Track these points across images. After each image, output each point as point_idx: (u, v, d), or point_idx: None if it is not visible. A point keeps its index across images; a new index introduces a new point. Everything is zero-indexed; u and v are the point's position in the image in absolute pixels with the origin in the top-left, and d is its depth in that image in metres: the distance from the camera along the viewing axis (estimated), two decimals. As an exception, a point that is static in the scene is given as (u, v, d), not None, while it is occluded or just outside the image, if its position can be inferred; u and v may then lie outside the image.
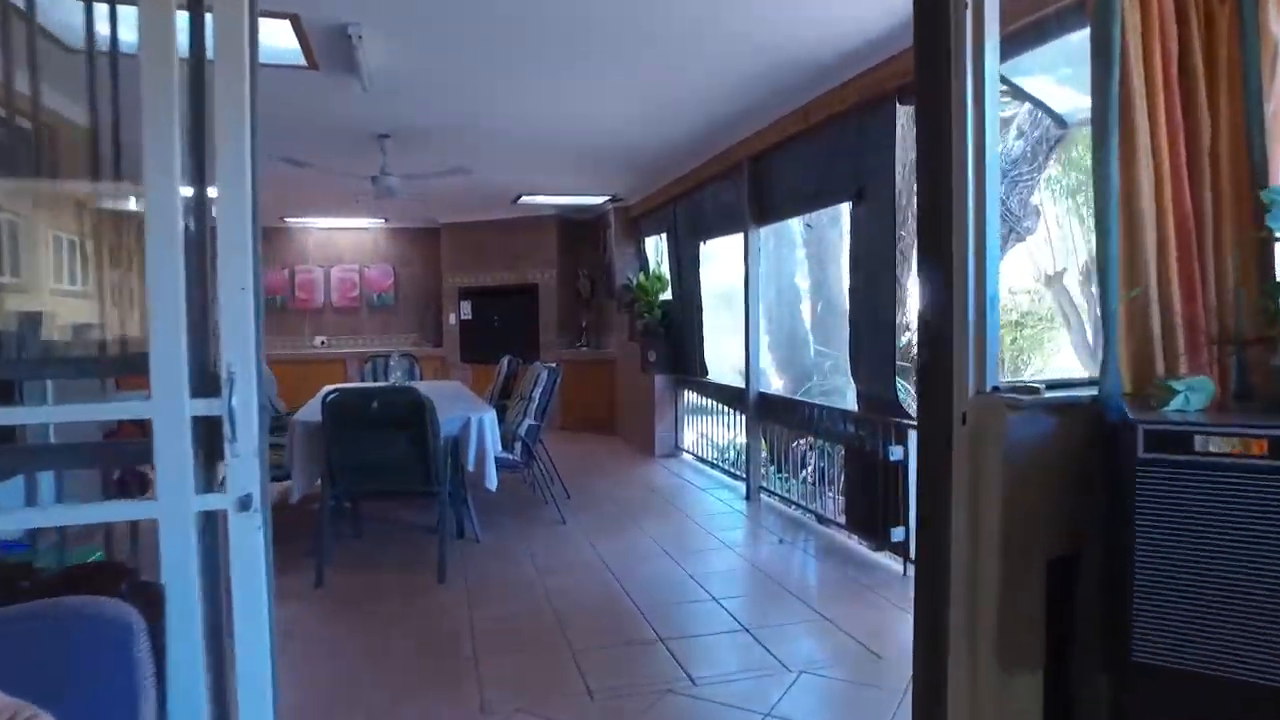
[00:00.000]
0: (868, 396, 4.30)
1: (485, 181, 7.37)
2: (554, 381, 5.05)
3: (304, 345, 10.07)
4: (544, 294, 9.36)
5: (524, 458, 5.00)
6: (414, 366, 7.44)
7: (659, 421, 7.49)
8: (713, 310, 6.98)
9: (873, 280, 4.17)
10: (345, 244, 10.21)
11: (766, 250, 7.71)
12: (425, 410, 3.88)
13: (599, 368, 8.84)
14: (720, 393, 6.52)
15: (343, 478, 4.03)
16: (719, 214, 6.34)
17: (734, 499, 5.76)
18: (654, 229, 8.23)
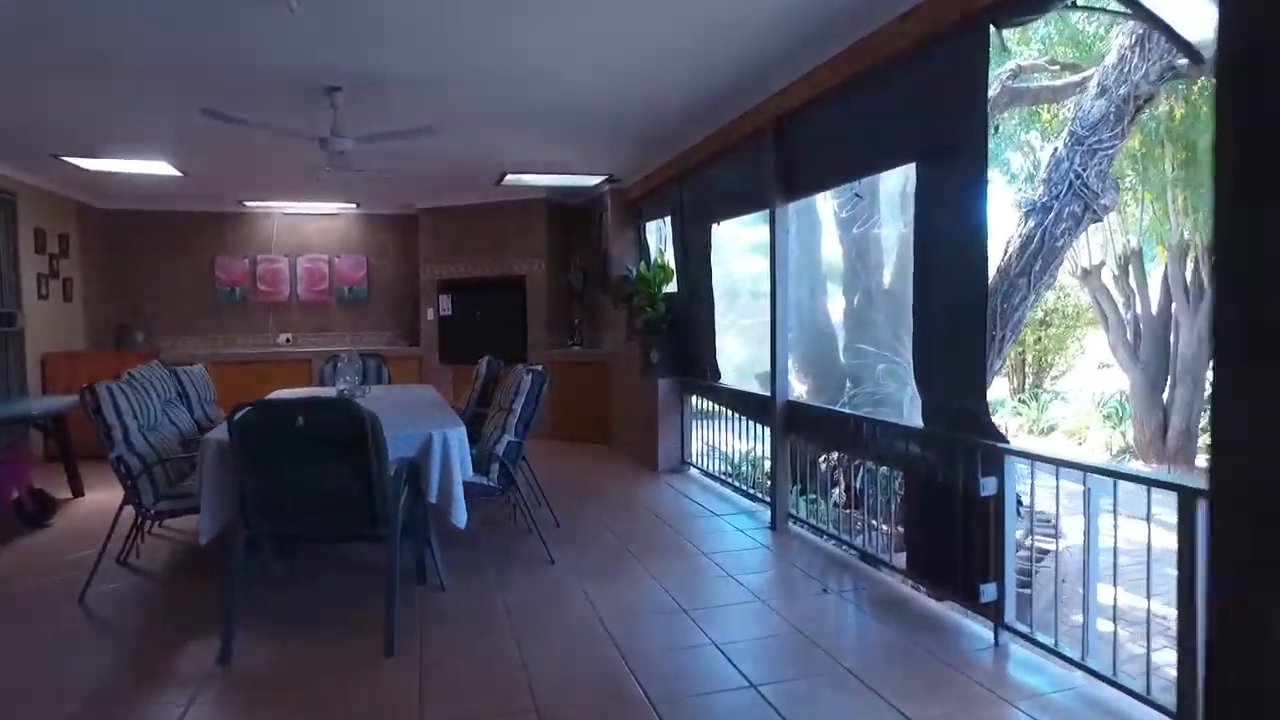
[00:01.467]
0: (943, 410, 3.36)
1: (462, 155, 6.41)
2: (539, 388, 4.10)
3: (267, 343, 9.08)
4: (532, 287, 8.40)
5: (502, 482, 4.04)
6: (381, 368, 6.48)
7: (662, 432, 6.55)
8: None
9: (952, 262, 3.23)
10: (313, 231, 9.22)
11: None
12: (367, 429, 2.93)
13: (593, 369, 7.89)
14: (737, 401, 5.58)
15: (259, 518, 3.06)
16: (735, 190, 5.40)
17: (755, 528, 4.82)
18: (655, 213, 7.28)
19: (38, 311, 7.18)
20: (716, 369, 6.03)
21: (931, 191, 3.35)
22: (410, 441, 3.55)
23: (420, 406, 4.53)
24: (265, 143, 5.95)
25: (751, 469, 6.03)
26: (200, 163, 6.68)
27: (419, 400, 4.90)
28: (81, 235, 8.10)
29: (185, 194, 8.19)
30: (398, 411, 4.22)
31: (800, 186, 4.56)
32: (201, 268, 8.94)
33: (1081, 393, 12.41)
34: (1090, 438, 11.08)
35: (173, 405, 4.52)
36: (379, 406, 4.38)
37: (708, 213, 5.91)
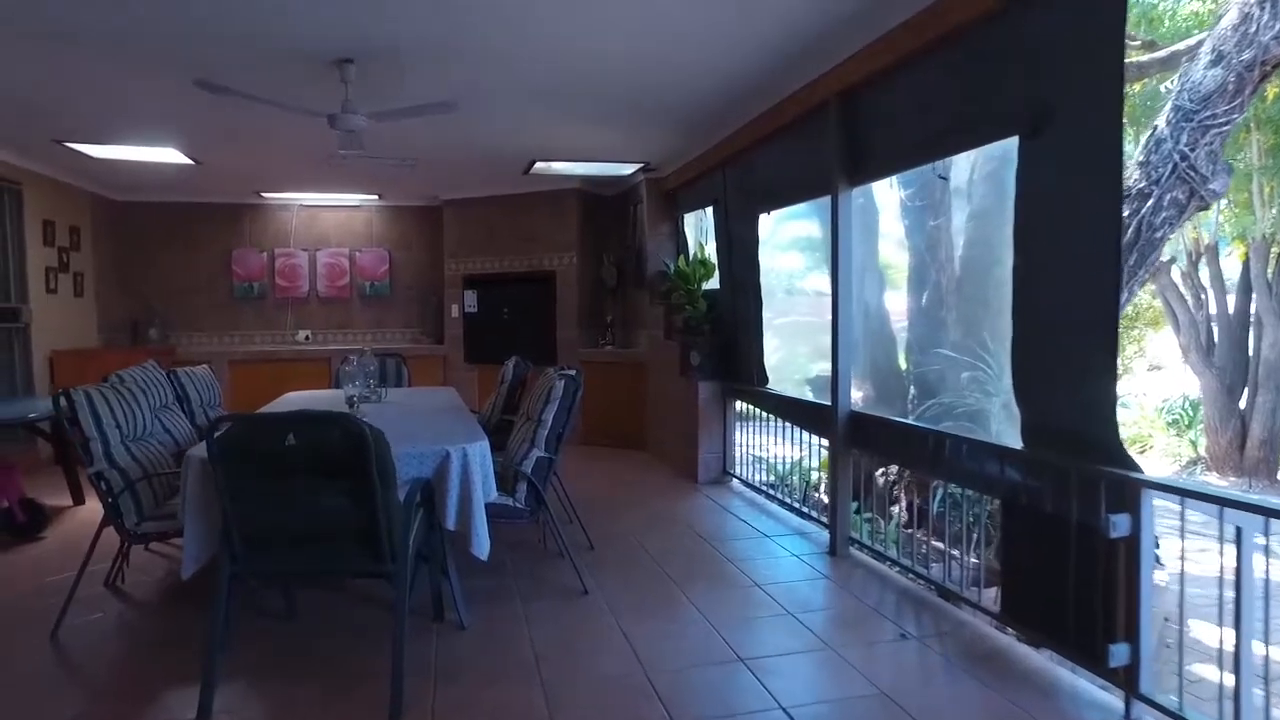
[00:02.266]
0: (1052, 430, 2.81)
1: (487, 139, 5.94)
2: (573, 396, 3.60)
3: (285, 341, 8.71)
4: (562, 283, 7.92)
5: (530, 504, 3.56)
6: (401, 368, 6.05)
7: (703, 440, 6.04)
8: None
9: (1073, 252, 2.68)
10: (333, 224, 8.82)
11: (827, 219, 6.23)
12: (369, 449, 2.45)
13: (627, 371, 7.39)
14: (789, 409, 5.05)
15: (245, 553, 2.60)
16: (788, 176, 4.87)
17: (812, 553, 4.29)
18: (695, 203, 6.76)
19: (46, 306, 6.84)
20: (764, 372, 5.51)
21: (1042, 166, 2.80)
22: (425, 459, 3.08)
23: (439, 415, 4.06)
24: (279, 128, 5.54)
25: (801, 482, 5.50)
26: (212, 150, 6.28)
27: (438, 407, 4.43)
28: (94, 228, 7.77)
29: (201, 185, 7.82)
30: (413, 421, 3.76)
31: (869, 168, 4.02)
32: (217, 262, 8.58)
33: (1141, 398, 11.68)
34: (1154, 446, 10.37)
35: (169, 411, 4.09)
36: (391, 416, 3.94)
37: (756, 201, 5.39)
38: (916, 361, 4.86)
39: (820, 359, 6.72)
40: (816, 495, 5.78)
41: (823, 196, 4.39)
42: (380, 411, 4.17)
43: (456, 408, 4.42)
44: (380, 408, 4.38)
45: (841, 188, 4.12)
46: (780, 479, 5.77)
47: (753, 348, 5.56)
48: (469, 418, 3.96)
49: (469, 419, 3.91)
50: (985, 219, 5.03)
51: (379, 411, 4.16)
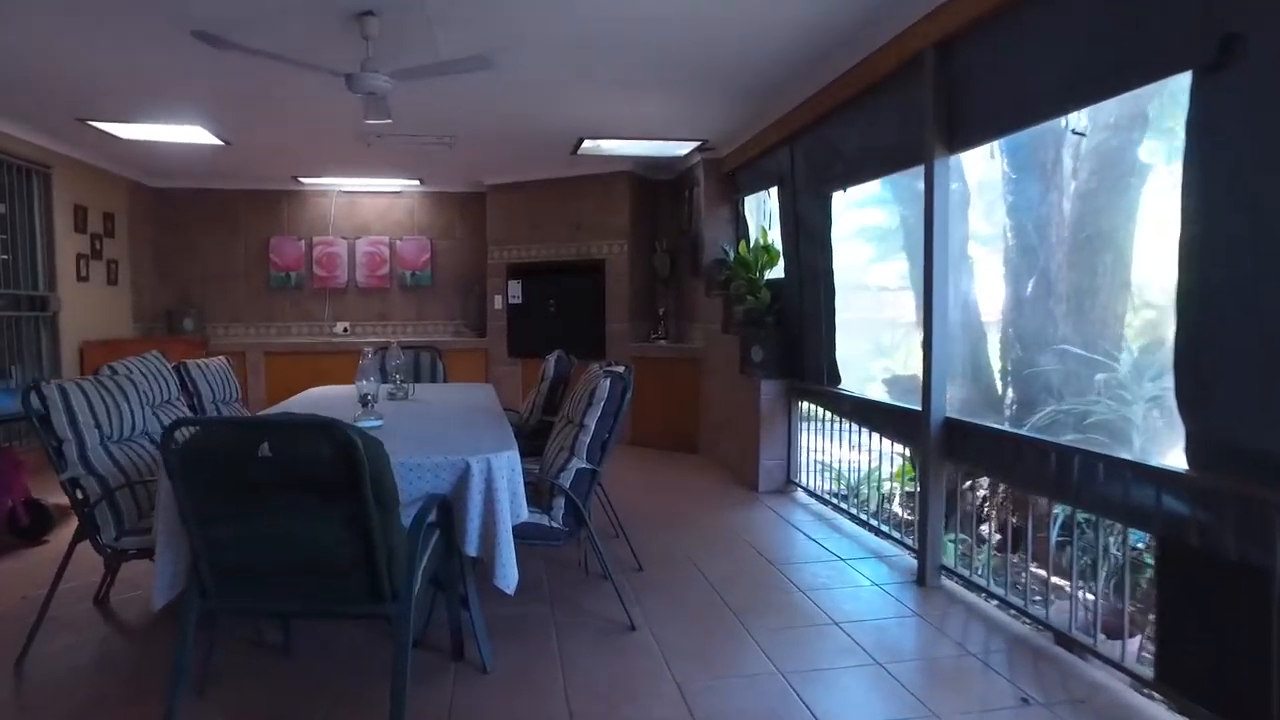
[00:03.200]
0: (1235, 451, 2.17)
1: (531, 114, 5.43)
2: (621, 398, 3.05)
3: (323, 332, 8.36)
4: (612, 272, 7.39)
5: (568, 524, 3.02)
6: (436, 363, 5.59)
7: (765, 445, 5.44)
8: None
9: (1274, 217, 2.03)
10: (373, 211, 8.44)
11: (906, 201, 5.56)
12: (360, 464, 1.94)
13: (680, 367, 6.83)
14: (869, 414, 4.42)
15: (217, 586, 2.12)
16: (869, 146, 4.24)
17: (897, 583, 3.67)
18: (756, 184, 6.16)
19: (76, 295, 6.57)
20: (836, 371, 4.89)
21: (1228, 110, 2.15)
22: (441, 472, 2.56)
23: (467, 417, 3.55)
24: (306, 103, 5.14)
25: (876, 495, 4.88)
26: (241, 129, 5.90)
27: (469, 407, 3.93)
28: (130, 214, 7.50)
29: (237, 170, 7.50)
30: (434, 424, 3.25)
31: (973, 130, 3.38)
32: (255, 250, 8.27)
33: None
34: None
35: (170, 407, 3.67)
36: (411, 417, 3.44)
37: (828, 178, 4.77)
38: (1017, 361, 4.18)
39: (881, 357, 6.07)
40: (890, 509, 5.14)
41: (912, 167, 3.77)
42: (401, 412, 3.69)
43: (489, 408, 3.91)
44: (402, 407, 3.90)
45: (938, 155, 3.48)
46: (850, 489, 5.15)
47: (822, 343, 4.95)
48: (500, 421, 3.44)
49: (500, 422, 3.40)
50: (1093, 197, 4.32)
51: (399, 412, 3.68)
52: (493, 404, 4.11)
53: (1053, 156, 3.91)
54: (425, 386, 4.98)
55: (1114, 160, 3.89)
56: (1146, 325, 3.70)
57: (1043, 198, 3.86)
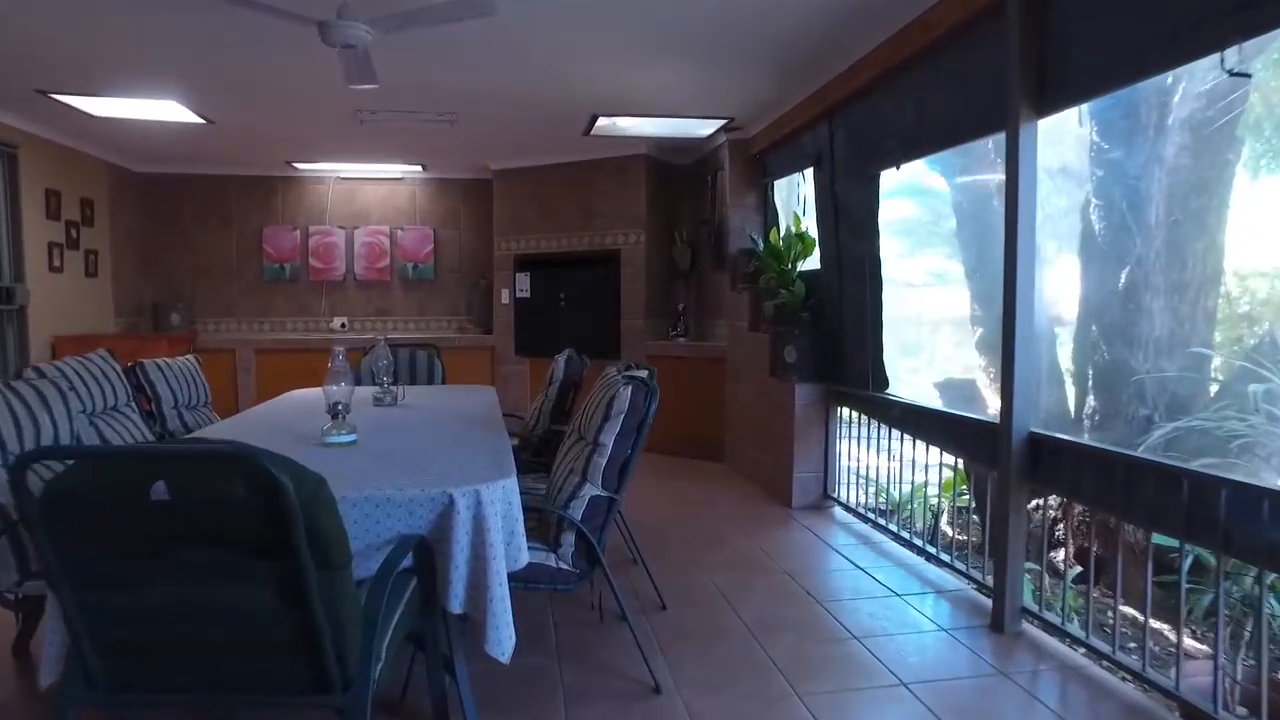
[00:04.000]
0: None
1: (540, 87, 4.87)
2: (646, 410, 2.49)
3: (319, 328, 7.84)
4: (628, 264, 6.82)
5: (579, 565, 2.47)
6: (434, 362, 5.05)
7: (799, 455, 4.87)
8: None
9: None
10: (372, 199, 7.91)
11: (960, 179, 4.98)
12: (291, 512, 1.39)
13: (703, 368, 6.26)
14: (924, 424, 3.83)
15: (105, 671, 1.57)
16: (933, 113, 3.66)
17: (966, 626, 3.10)
18: (788, 166, 5.58)
19: (48, 287, 6.07)
20: (884, 374, 4.31)
21: None
22: (418, 507, 2.01)
23: (459, 430, 3.00)
24: (289, 75, 4.59)
25: (926, 513, 4.31)
26: (222, 106, 5.37)
27: (463, 416, 3.38)
28: (112, 201, 7.00)
29: (227, 155, 6.99)
30: (416, 440, 2.70)
31: (1071, 87, 2.79)
32: (247, 241, 7.76)
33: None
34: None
35: (115, 416, 3.14)
36: (389, 432, 2.87)
37: (876, 155, 4.19)
38: (1102, 365, 3.58)
39: (905, 356, 5.47)
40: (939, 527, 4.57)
41: (985, 136, 3.20)
42: (383, 422, 3.15)
43: (487, 418, 3.36)
44: (387, 416, 3.36)
45: (1024, 119, 2.90)
46: (895, 506, 4.58)
47: (867, 342, 4.37)
48: (498, 435, 2.89)
49: (498, 437, 2.84)
50: (1184, 174, 3.72)
51: (381, 423, 3.14)
52: (492, 412, 3.56)
53: (1156, 120, 3.30)
54: (420, 390, 4.44)
55: (1200, 134, 3.30)
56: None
57: (1142, 171, 3.28)
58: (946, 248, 5.79)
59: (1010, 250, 2.96)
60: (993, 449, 3.13)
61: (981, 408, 4.43)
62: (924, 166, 5.11)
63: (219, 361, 7.20)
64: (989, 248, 4.37)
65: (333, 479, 1.53)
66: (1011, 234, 2.95)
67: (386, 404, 3.71)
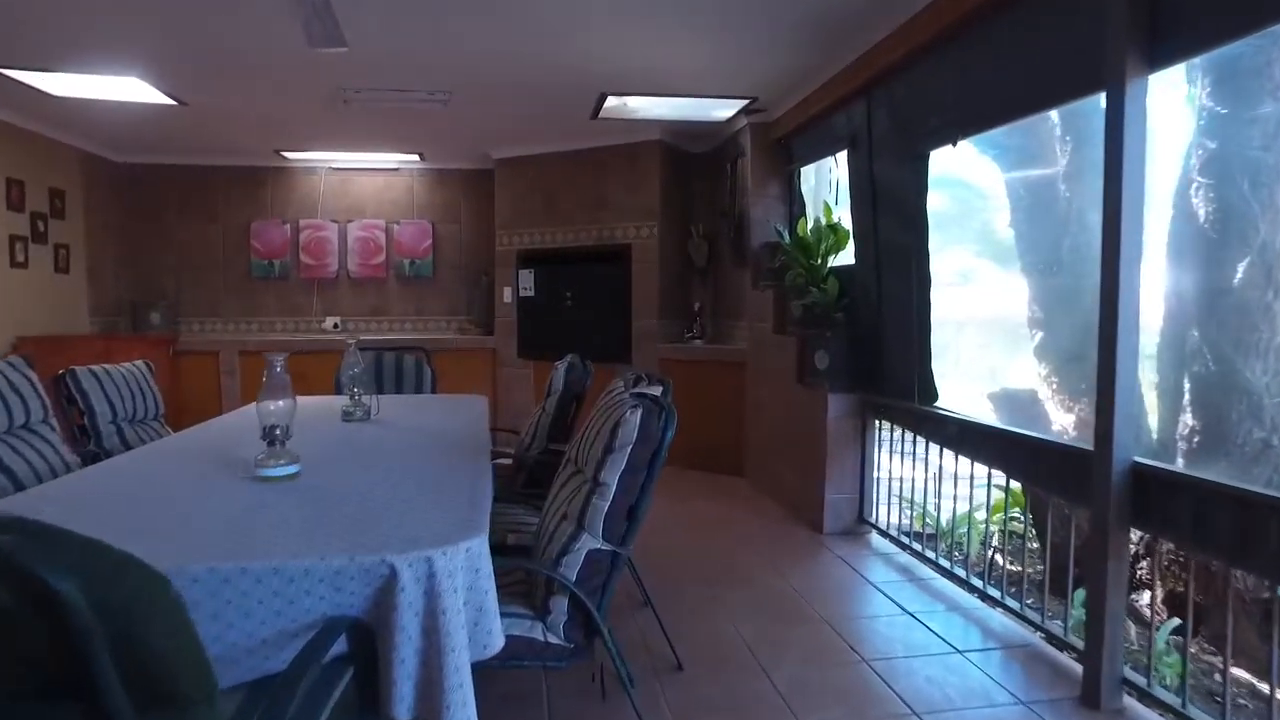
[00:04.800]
0: None
1: (543, 62, 4.33)
2: (661, 437, 1.93)
3: (311, 328, 7.34)
4: (639, 260, 6.28)
5: (572, 635, 1.92)
6: (422, 368, 4.53)
7: (832, 474, 4.32)
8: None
9: None
10: (367, 191, 7.40)
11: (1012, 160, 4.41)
12: (84, 633, 0.84)
13: (721, 373, 5.71)
14: (987, 445, 3.25)
15: None
16: (1001, 76, 3.09)
17: (1048, 697, 2.54)
18: (819, 149, 5.03)
19: (10, 284, 5.60)
20: (932, 385, 3.75)
21: None
22: (345, 583, 1.47)
23: (429, 459, 2.46)
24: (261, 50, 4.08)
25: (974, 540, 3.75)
26: (193, 85, 4.88)
27: (440, 437, 2.85)
28: (87, 192, 6.52)
29: (211, 143, 6.52)
30: (371, 475, 2.15)
31: (1199, 30, 2.22)
32: (234, 235, 7.26)
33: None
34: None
35: (25, 437, 2.63)
36: (343, 460, 2.27)
37: (926, 132, 3.62)
38: (1203, 378, 3.00)
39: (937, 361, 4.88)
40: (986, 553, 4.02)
41: (1079, 99, 2.64)
42: (340, 448, 2.62)
43: (471, 439, 2.83)
44: (350, 436, 2.83)
45: (1132, 74, 2.33)
46: (939, 531, 4.02)
47: (913, 347, 3.82)
48: (479, 467, 2.34)
49: (478, 470, 2.30)
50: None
51: (338, 447, 2.61)
52: (479, 430, 3.03)
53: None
54: (403, 401, 3.93)
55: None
56: None
57: (1269, 143, 2.70)
58: (977, 244, 5.22)
59: (1111, 241, 2.40)
60: (1081, 481, 2.57)
61: (1044, 424, 3.86)
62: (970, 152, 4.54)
63: (201, 364, 6.72)
64: (1053, 241, 3.80)
65: (236, 535, 1.03)
66: (1113, 222, 2.39)
67: (357, 419, 3.19)
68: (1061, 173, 3.70)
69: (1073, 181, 3.65)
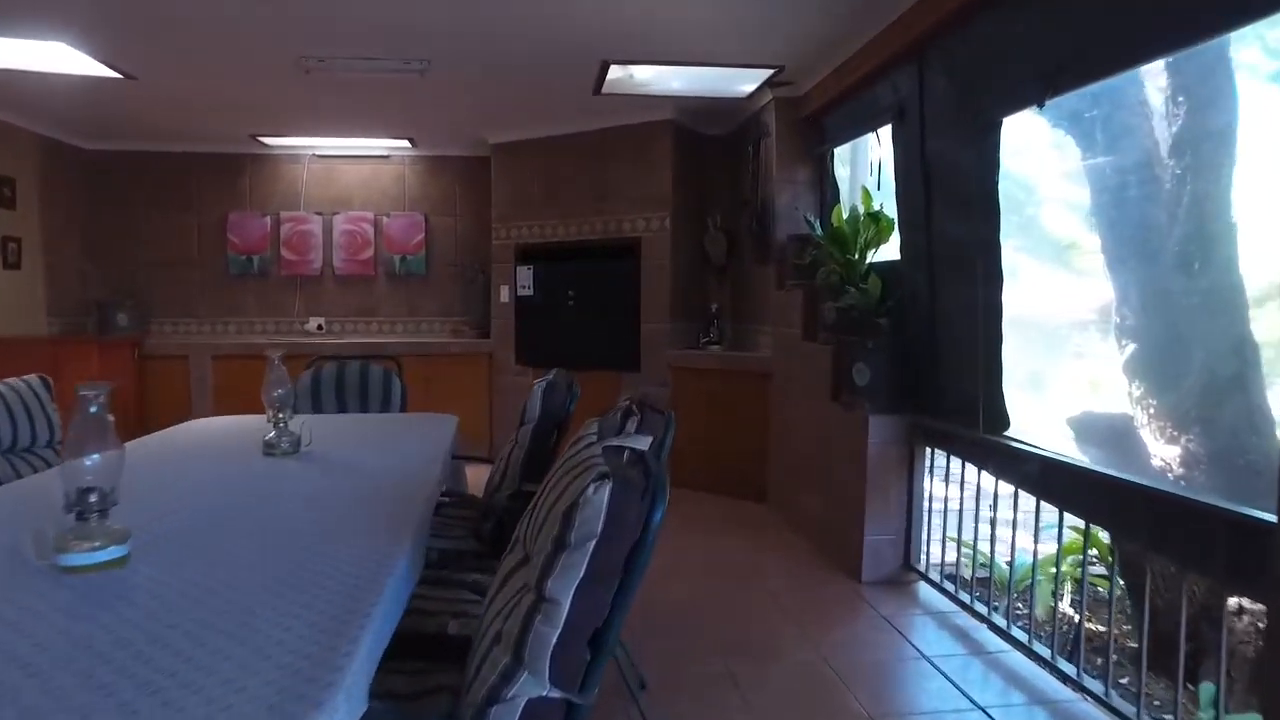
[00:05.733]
0: None
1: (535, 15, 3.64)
2: (644, 523, 1.25)
3: (293, 330, 6.73)
4: (649, 255, 5.58)
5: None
6: (391, 382, 3.86)
7: (873, 510, 3.61)
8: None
9: None
10: (354, 180, 6.77)
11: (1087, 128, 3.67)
12: None
13: (741, 384, 5.01)
14: (1086, 493, 2.52)
15: None
16: (1112, 11, 2.37)
17: None
18: (857, 125, 4.32)
19: (-53, 282, 5.02)
20: (1003, 409, 3.03)
21: None
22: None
23: (348, 523, 1.79)
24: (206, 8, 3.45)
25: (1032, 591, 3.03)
26: (131, 51, 4.25)
27: (378, 483, 2.18)
28: (45, 180, 5.94)
29: (184, 128, 5.96)
30: (246, 552, 1.45)
31: None
32: (210, 229, 6.67)
33: None
34: None
35: None
36: (226, 519, 1.78)
37: (1000, 93, 2.91)
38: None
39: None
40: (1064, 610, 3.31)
41: (1244, 25, 1.92)
42: (232, 499, 1.96)
43: (417, 485, 2.15)
44: (252, 483, 2.16)
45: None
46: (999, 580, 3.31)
47: (979, 362, 3.10)
48: (410, 537, 1.66)
49: (403, 548, 1.61)
50: None
51: (224, 502, 1.96)
52: (432, 471, 2.35)
53: None
54: (354, 424, 3.27)
55: None
56: None
57: None
58: (1020, 238, 4.49)
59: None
60: (1250, 557, 1.85)
61: (1141, 457, 3.13)
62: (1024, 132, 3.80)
63: (169, 370, 6.14)
64: (1155, 232, 3.06)
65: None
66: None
67: (282, 452, 2.53)
68: (1168, 146, 2.97)
69: (1186, 156, 2.92)
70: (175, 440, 2.86)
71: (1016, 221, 4.15)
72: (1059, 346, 3.87)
